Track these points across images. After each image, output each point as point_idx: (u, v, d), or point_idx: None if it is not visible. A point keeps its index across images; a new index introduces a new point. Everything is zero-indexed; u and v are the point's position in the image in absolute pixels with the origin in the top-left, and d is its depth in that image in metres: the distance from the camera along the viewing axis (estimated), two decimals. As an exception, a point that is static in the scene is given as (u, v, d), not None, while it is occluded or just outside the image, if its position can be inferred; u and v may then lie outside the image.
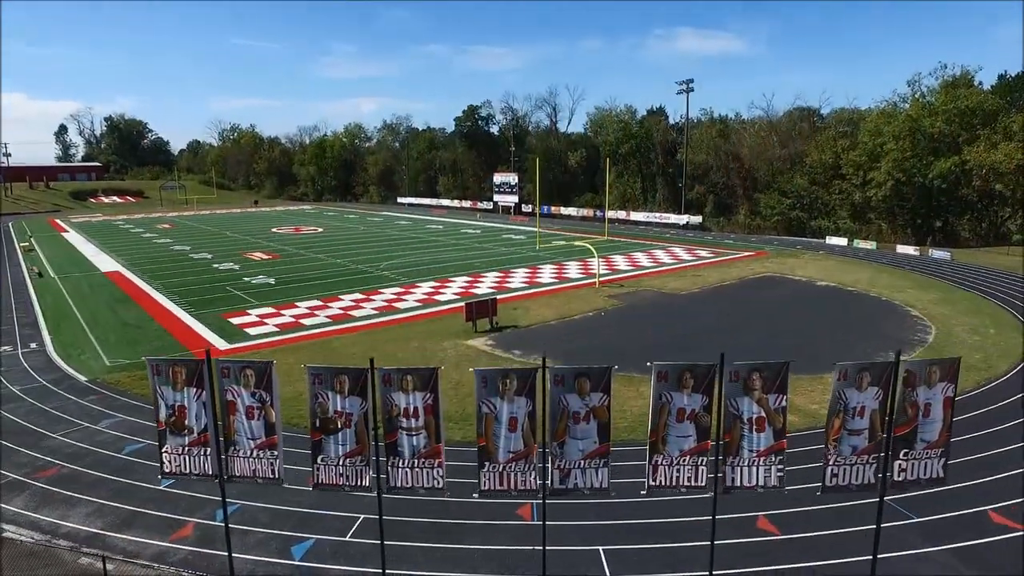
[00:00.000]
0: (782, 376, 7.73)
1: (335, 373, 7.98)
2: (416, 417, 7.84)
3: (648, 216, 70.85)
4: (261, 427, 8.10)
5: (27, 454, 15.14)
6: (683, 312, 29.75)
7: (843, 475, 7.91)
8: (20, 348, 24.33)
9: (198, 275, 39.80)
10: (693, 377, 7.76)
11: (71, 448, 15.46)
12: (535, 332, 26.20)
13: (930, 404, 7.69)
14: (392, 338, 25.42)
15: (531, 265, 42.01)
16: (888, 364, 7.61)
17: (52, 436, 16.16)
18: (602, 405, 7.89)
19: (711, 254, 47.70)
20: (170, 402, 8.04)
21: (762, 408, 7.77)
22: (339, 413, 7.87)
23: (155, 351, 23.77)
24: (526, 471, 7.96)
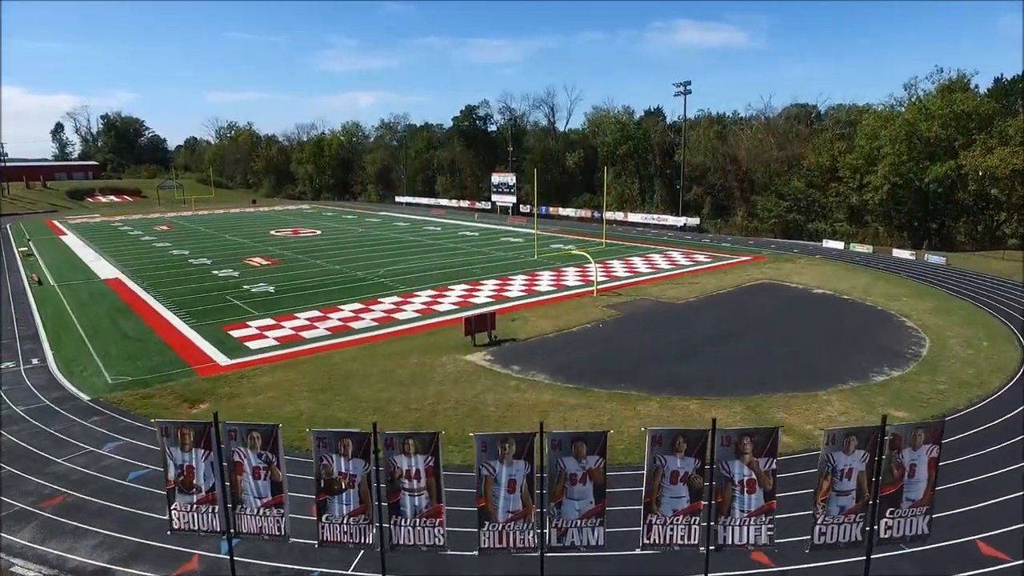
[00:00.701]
0: (772, 440, 7.96)
1: (339, 437, 8.20)
2: (418, 479, 8.06)
3: (646, 218, 71.03)
4: (267, 487, 8.32)
5: (33, 481, 15.34)
6: (680, 322, 29.99)
7: (831, 533, 8.15)
8: (22, 364, 24.50)
9: (197, 283, 39.93)
10: (686, 441, 7.98)
11: (76, 474, 15.66)
12: (534, 346, 26.42)
13: (915, 465, 7.93)
14: (391, 352, 25.62)
15: (529, 272, 42.20)
16: (874, 428, 7.85)
17: (57, 461, 16.36)
18: (598, 467, 8.11)
19: (708, 259, 47.94)
20: (178, 462, 8.25)
21: (753, 471, 8.00)
22: (343, 475, 8.09)
23: (156, 366, 23.98)
24: (524, 530, 8.19)
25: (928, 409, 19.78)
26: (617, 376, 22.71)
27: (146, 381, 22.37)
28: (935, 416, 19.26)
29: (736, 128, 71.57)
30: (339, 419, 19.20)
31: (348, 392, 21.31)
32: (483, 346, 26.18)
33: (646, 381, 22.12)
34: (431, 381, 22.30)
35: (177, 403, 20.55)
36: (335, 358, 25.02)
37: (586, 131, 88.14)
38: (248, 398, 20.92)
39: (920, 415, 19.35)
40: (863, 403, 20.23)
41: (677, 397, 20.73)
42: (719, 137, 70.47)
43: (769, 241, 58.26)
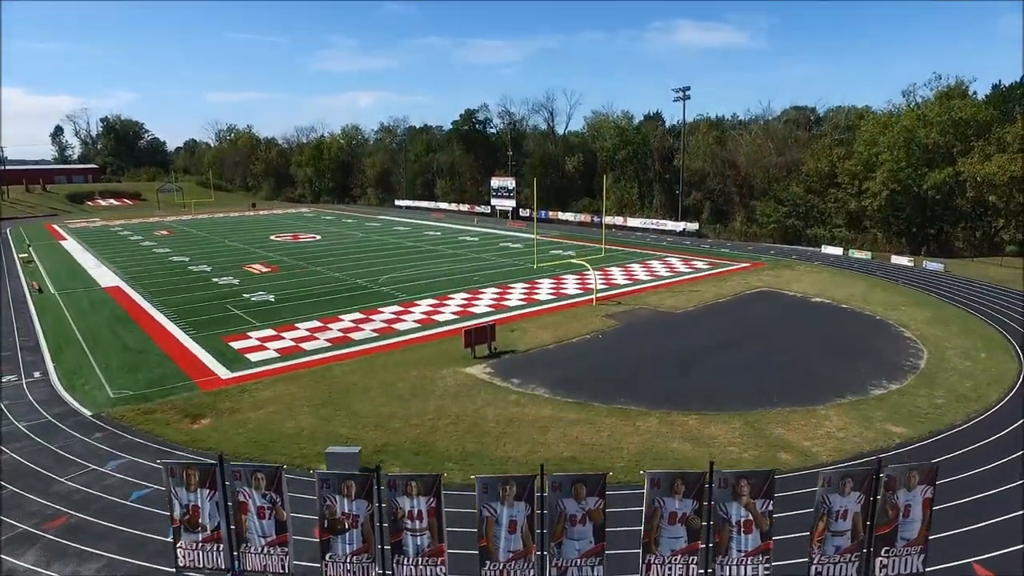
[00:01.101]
0: (769, 483, 8.06)
1: (342, 478, 8.29)
2: (420, 519, 8.16)
3: (645, 222, 71.14)
4: (272, 526, 8.41)
5: (36, 501, 15.43)
6: (679, 333, 30.08)
7: (826, 573, 8.25)
8: (24, 377, 24.58)
9: (197, 291, 40.01)
10: (684, 484, 8.08)
11: (79, 494, 15.75)
12: (533, 358, 26.52)
13: (910, 505, 8.04)
14: (391, 364, 25.71)
15: (529, 280, 42.30)
16: (869, 470, 7.95)
17: (60, 480, 16.44)
18: (597, 508, 8.20)
19: (708, 265, 48.05)
20: (184, 502, 8.35)
21: (750, 512, 8.10)
22: (346, 515, 8.19)
23: (157, 379, 24.06)
24: (525, 569, 8.29)
25: (926, 424, 19.90)
26: (617, 390, 22.81)
27: (147, 396, 22.45)
28: (932, 432, 19.41)
29: (735, 133, 71.68)
30: (340, 435, 19.30)
31: (349, 407, 21.40)
32: (483, 358, 26.27)
33: (645, 395, 22.23)
34: (431, 395, 22.39)
35: (179, 418, 20.63)
36: (335, 371, 25.11)
37: (586, 135, 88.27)
38: (249, 413, 21.00)
39: (918, 431, 19.48)
40: (861, 418, 20.35)
41: (676, 412, 20.83)
42: (718, 142, 70.59)
43: (768, 246, 58.38)
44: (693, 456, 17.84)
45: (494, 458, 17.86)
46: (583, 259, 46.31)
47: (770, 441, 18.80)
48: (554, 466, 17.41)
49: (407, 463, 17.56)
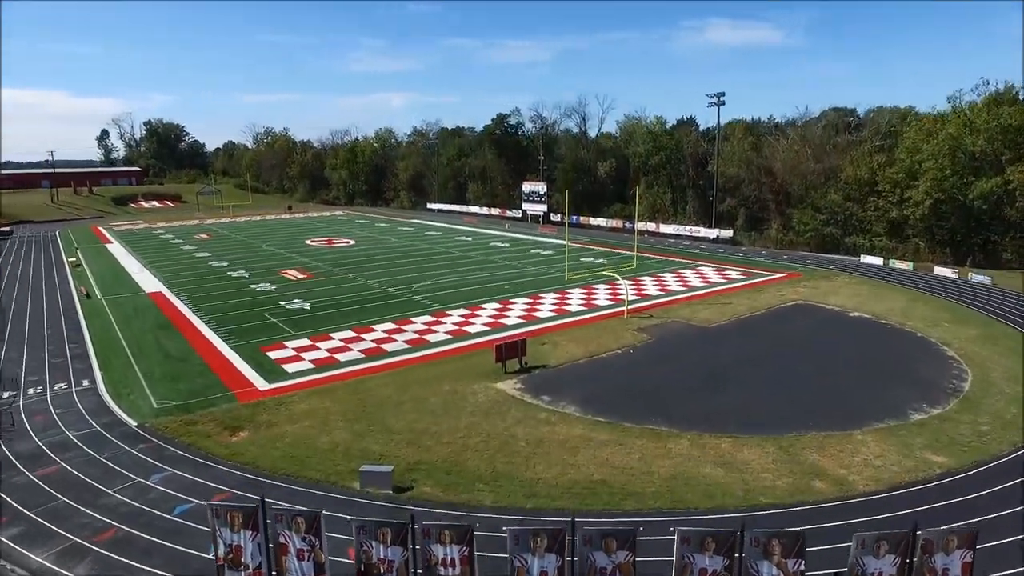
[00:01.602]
0: (800, 543, 7.99)
1: (378, 525, 8.51)
2: (453, 567, 8.33)
3: (678, 229, 70.42)
4: (311, 567, 8.69)
5: (87, 514, 16.10)
6: (712, 349, 29.75)
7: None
8: (74, 386, 25.61)
9: (236, 298, 41.06)
10: (715, 541, 8.07)
11: (126, 507, 16.38)
12: (564, 373, 26.56)
13: (948, 569, 7.89)
14: (423, 379, 26.02)
15: (560, 289, 42.29)
16: (905, 533, 7.83)
17: (108, 493, 17.12)
18: (627, 562, 8.26)
19: (742, 275, 47.36)
20: (227, 541, 8.68)
21: (781, 572, 8.05)
22: (382, 560, 8.41)
23: (197, 390, 24.82)
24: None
25: (969, 454, 19.35)
26: (648, 409, 22.71)
27: (188, 406, 23.18)
28: (975, 462, 18.86)
29: (772, 139, 70.38)
30: (373, 452, 19.65)
31: (382, 422, 21.76)
32: (514, 373, 26.41)
33: (677, 415, 22.08)
34: (463, 412, 22.62)
35: (218, 430, 21.26)
36: (369, 383, 25.53)
37: (618, 139, 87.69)
38: (286, 426, 21.53)
39: (960, 461, 18.95)
40: (900, 445, 19.88)
41: (708, 434, 20.66)
42: (754, 148, 69.40)
43: (804, 255, 57.25)
44: (725, 483, 17.69)
45: (524, 479, 17.97)
46: (614, 269, 46.14)
47: (804, 468, 18.51)
48: (584, 489, 17.48)
49: (438, 483, 17.80)
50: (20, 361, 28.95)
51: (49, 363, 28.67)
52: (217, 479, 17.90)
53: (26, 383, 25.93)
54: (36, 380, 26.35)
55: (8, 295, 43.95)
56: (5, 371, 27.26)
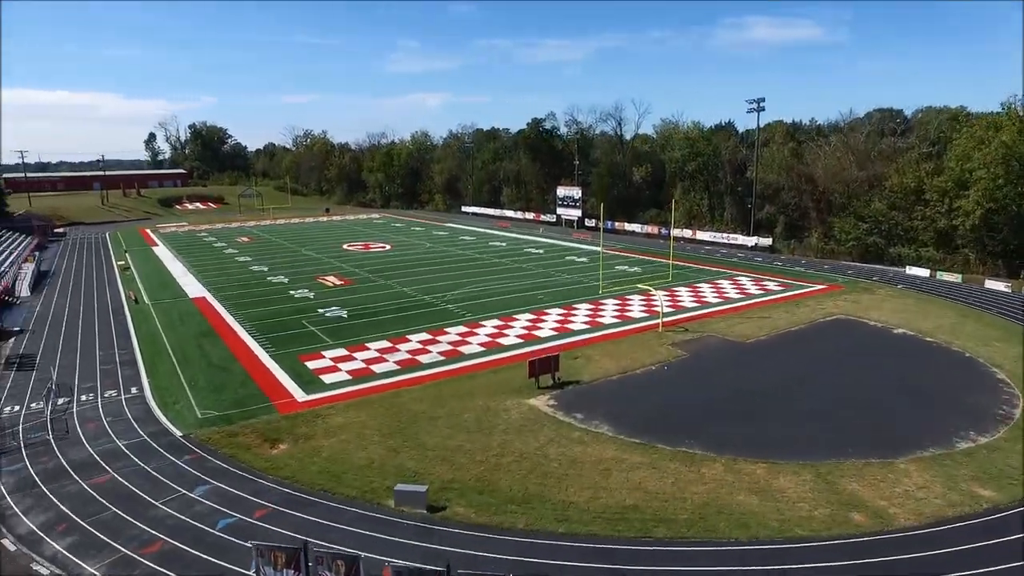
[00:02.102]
0: None
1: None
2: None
3: (715, 236, 69.40)
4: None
5: (136, 525, 16.79)
6: (748, 366, 29.31)
7: None
8: (123, 393, 26.66)
9: (276, 304, 42.08)
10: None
11: (172, 520, 17.02)
12: (597, 390, 26.51)
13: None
14: (457, 393, 26.29)
15: (594, 300, 42.15)
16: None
17: (155, 505, 17.81)
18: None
19: (780, 286, 46.46)
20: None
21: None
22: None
23: (239, 400, 25.55)
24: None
25: (1017, 488, 18.67)
26: (682, 430, 22.53)
27: (230, 417, 23.91)
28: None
29: (814, 145, 68.79)
30: (407, 468, 19.97)
31: (416, 438, 22.08)
32: (547, 388, 26.49)
33: (712, 438, 21.85)
34: (495, 429, 22.79)
35: (259, 442, 21.89)
36: (404, 397, 25.92)
37: (655, 144, 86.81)
38: (323, 440, 22.03)
39: (1009, 495, 18.31)
40: (944, 476, 19.30)
41: (744, 459, 20.39)
42: (794, 155, 67.96)
43: (846, 265, 55.81)
44: (760, 512, 17.46)
45: (556, 502, 18.04)
46: (650, 282, 45.79)
47: (843, 498, 18.12)
48: (616, 514, 17.46)
49: (471, 503, 18.00)
50: (74, 367, 30.25)
51: (100, 370, 29.88)
52: (258, 493, 18.44)
53: (79, 390, 27.10)
54: (89, 387, 27.51)
55: (63, 296, 45.91)
56: (61, 377, 28.52)
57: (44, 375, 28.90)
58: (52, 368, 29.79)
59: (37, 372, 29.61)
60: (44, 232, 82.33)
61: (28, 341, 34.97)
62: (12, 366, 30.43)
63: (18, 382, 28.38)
